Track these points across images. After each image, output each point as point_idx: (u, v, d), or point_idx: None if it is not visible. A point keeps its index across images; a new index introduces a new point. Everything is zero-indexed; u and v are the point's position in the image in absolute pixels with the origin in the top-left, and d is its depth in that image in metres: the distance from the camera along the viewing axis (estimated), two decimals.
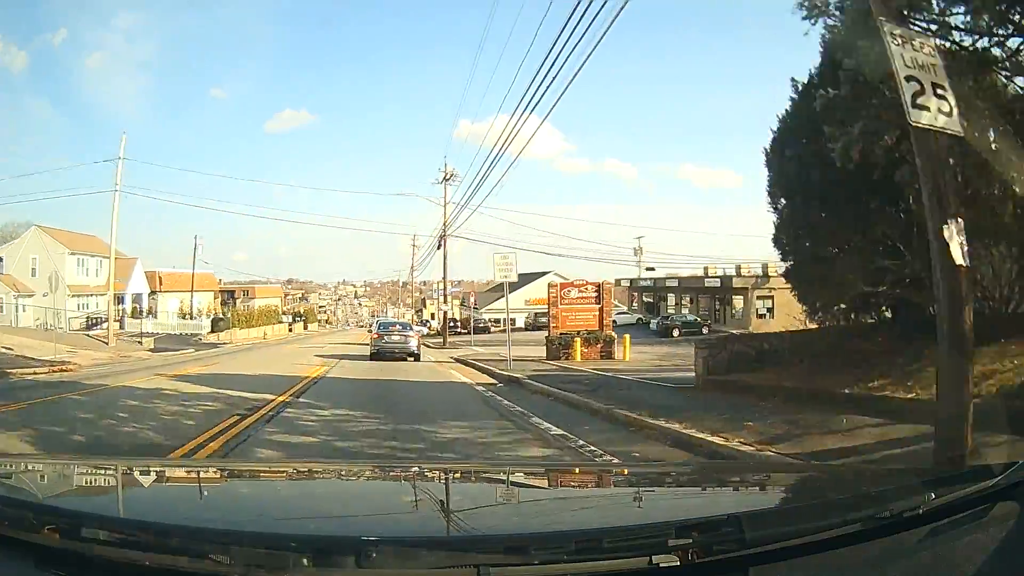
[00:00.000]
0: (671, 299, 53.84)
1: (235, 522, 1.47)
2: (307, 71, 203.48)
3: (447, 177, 35.93)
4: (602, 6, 8.47)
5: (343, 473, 2.56)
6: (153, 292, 50.75)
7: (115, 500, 1.79)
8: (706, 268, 48.57)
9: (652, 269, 53.96)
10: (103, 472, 2.22)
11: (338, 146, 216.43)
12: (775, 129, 10.16)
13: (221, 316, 46.96)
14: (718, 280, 46.18)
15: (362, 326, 79.37)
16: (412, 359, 20.19)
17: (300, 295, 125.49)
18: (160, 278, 51.96)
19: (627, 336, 21.62)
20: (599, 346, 20.90)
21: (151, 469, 2.34)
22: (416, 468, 2.95)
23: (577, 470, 3.45)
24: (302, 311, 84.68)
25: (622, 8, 8.07)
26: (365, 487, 2.15)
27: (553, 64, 9.95)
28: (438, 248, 35.53)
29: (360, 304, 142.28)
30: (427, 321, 71.07)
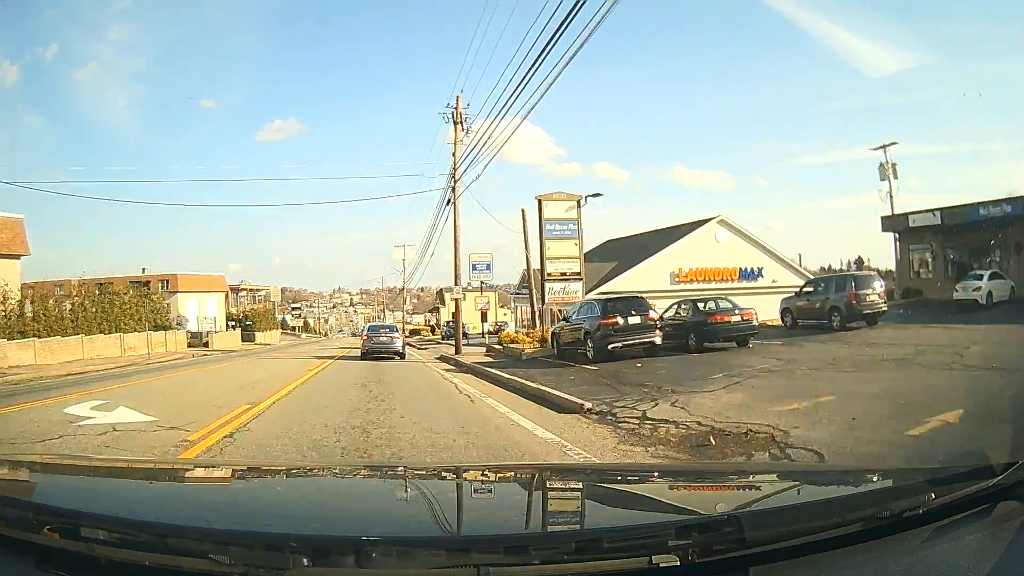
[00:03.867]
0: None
1: (235, 522, 1.46)
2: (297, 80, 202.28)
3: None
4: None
5: (343, 473, 2.55)
6: None
7: (115, 500, 1.79)
8: None
9: None
10: (103, 472, 2.21)
11: (328, 154, 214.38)
12: None
13: None
14: None
15: (355, 335, 72.83)
16: (397, 357, 22.00)
17: (264, 293, 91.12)
18: None
19: None
20: None
21: (151, 469, 2.34)
22: (416, 468, 2.94)
23: (577, 470, 3.43)
24: (245, 314, 59.08)
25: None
26: (365, 487, 2.15)
27: (538, 65, 9.53)
28: None
29: (355, 311, 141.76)
30: (448, 325, 40.71)
